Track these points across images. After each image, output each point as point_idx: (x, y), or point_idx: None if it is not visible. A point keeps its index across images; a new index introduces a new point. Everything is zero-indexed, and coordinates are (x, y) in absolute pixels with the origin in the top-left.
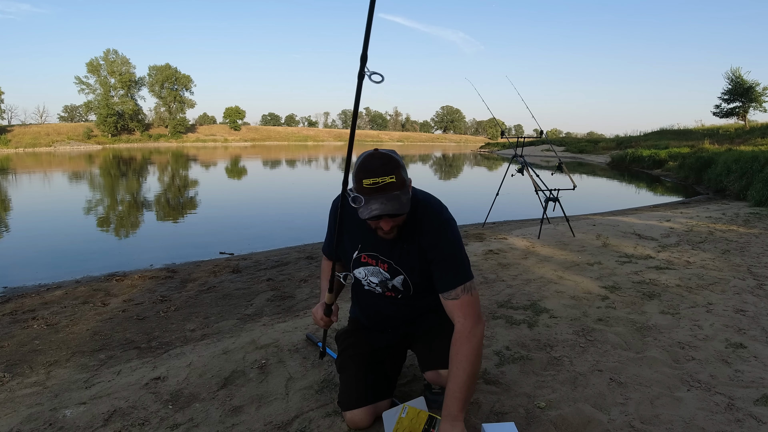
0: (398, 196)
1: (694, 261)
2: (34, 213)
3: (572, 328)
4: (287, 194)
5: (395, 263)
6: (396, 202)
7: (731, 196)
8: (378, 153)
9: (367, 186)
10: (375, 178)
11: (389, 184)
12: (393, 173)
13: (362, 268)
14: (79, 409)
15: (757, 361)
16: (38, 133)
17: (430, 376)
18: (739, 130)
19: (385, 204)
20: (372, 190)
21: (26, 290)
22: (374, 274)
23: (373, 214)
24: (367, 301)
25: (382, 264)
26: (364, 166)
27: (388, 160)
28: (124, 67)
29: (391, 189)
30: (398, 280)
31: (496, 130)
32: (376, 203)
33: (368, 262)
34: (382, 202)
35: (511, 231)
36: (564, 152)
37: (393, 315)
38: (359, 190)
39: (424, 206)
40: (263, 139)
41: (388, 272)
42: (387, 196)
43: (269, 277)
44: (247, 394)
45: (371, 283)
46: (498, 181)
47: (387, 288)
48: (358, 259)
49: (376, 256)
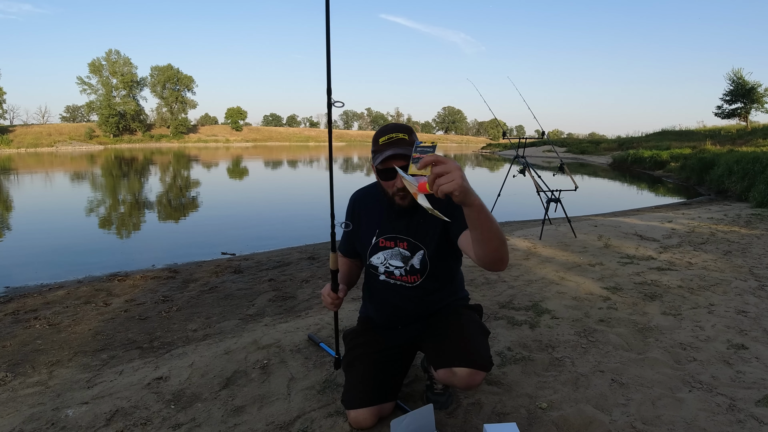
0: (409, 148)
1: (696, 262)
2: (36, 213)
3: (574, 329)
4: (289, 195)
5: (414, 239)
6: (408, 149)
7: (733, 197)
8: (393, 123)
9: (383, 142)
10: (389, 134)
11: (401, 139)
12: (405, 132)
13: (381, 253)
14: (82, 408)
15: (758, 362)
16: (40, 133)
17: (441, 374)
18: (741, 131)
19: (397, 149)
20: (386, 144)
21: (28, 290)
22: (394, 256)
23: (385, 155)
24: (380, 295)
25: (401, 243)
26: (380, 130)
27: (402, 125)
28: (126, 67)
29: (403, 143)
30: (417, 259)
31: (497, 130)
32: (389, 149)
33: (387, 245)
34: (394, 148)
35: (512, 232)
36: (565, 153)
37: (405, 308)
38: (376, 150)
39: None
40: (265, 139)
41: (409, 250)
42: (399, 146)
43: (271, 277)
44: (249, 395)
45: (390, 267)
46: (500, 181)
47: (407, 270)
48: (377, 245)
49: (394, 237)
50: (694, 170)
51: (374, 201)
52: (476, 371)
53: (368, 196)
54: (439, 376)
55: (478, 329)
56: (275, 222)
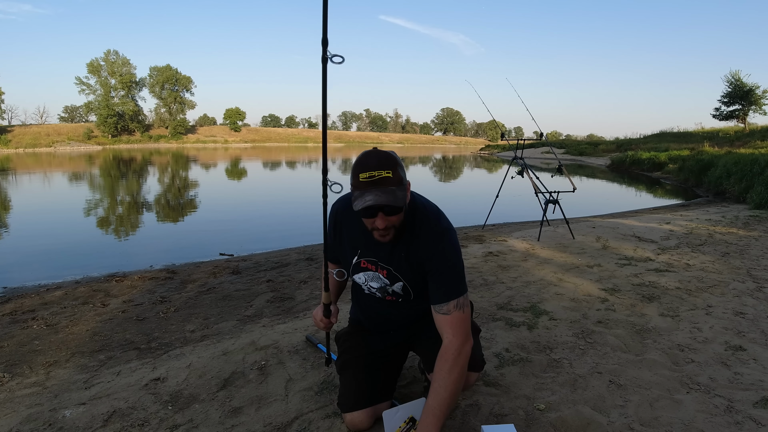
0: (393, 191)
1: (694, 263)
2: (34, 213)
3: (572, 331)
4: (287, 195)
5: (394, 269)
6: (391, 196)
7: (731, 199)
8: (376, 150)
9: (363, 180)
10: (371, 171)
11: (385, 179)
12: (389, 169)
13: (362, 274)
14: (79, 409)
15: (756, 364)
16: (38, 133)
17: None
18: (739, 132)
19: (379, 196)
20: (367, 184)
21: (26, 290)
22: (374, 280)
23: (366, 204)
24: (367, 304)
25: (381, 270)
26: (360, 162)
27: (385, 156)
28: (124, 67)
29: (386, 183)
30: (398, 286)
31: (496, 132)
32: (370, 195)
33: (368, 267)
34: (376, 194)
35: (511, 233)
36: (564, 154)
37: (394, 317)
38: (356, 186)
39: (423, 213)
40: (263, 140)
41: (388, 278)
42: (382, 189)
43: (269, 278)
44: (246, 396)
45: (371, 288)
46: (498, 183)
47: (387, 293)
48: (358, 265)
49: (375, 262)
50: (692, 172)
51: (357, 218)
52: (468, 372)
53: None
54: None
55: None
56: (274, 223)
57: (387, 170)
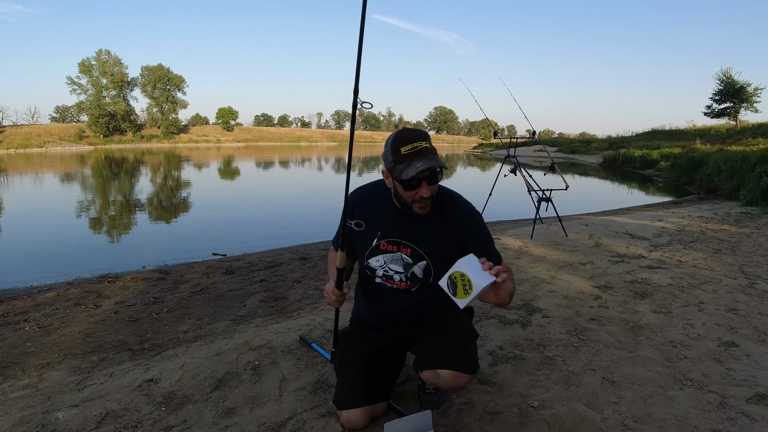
0: (436, 158)
1: (686, 260)
2: (26, 214)
3: (565, 328)
4: (280, 195)
5: (419, 248)
6: (437, 160)
7: (723, 196)
8: (408, 128)
9: (406, 152)
10: (413, 143)
11: (426, 148)
12: (426, 141)
13: (381, 256)
14: (72, 411)
15: (749, 360)
16: (30, 133)
17: (426, 376)
18: (731, 130)
19: (428, 160)
20: (412, 154)
21: (18, 292)
22: (395, 261)
23: (420, 168)
24: (373, 297)
25: (404, 249)
26: (399, 138)
27: (419, 131)
28: (116, 67)
29: (428, 153)
30: (420, 266)
31: (489, 130)
32: (419, 161)
33: (389, 249)
34: (425, 160)
35: (504, 231)
36: (556, 153)
37: (398, 311)
38: (399, 160)
39: (451, 196)
40: (256, 139)
41: (411, 257)
42: (427, 156)
43: (262, 278)
44: (240, 396)
45: (389, 271)
46: (491, 181)
47: (407, 276)
48: (377, 247)
49: (398, 242)
50: (684, 169)
51: (379, 201)
52: (460, 373)
53: (371, 195)
54: (424, 377)
55: (465, 332)
56: (267, 222)
57: (425, 141)
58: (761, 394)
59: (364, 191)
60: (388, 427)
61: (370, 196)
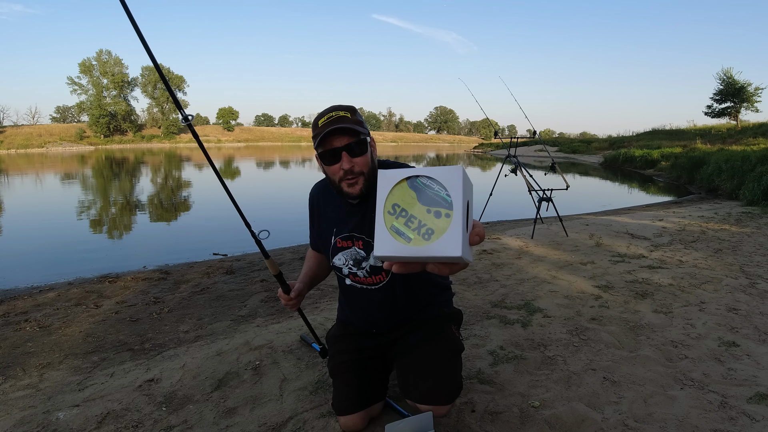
0: (352, 127)
1: (687, 260)
2: (26, 214)
3: (566, 328)
4: (281, 195)
5: (369, 237)
6: (349, 126)
7: (723, 196)
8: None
9: (323, 123)
10: (328, 113)
11: (342, 117)
12: (347, 110)
13: (341, 254)
14: (73, 411)
15: (749, 359)
16: (30, 134)
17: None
18: (731, 130)
19: (338, 124)
20: (326, 125)
21: (18, 292)
22: (351, 257)
23: (326, 131)
24: (351, 298)
25: (357, 242)
26: (319, 113)
27: (343, 105)
28: (116, 67)
29: (344, 120)
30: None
31: (489, 130)
32: (328, 128)
33: (344, 245)
34: (334, 125)
35: (504, 231)
36: (557, 152)
37: (374, 313)
38: (316, 135)
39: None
40: (256, 139)
41: (364, 250)
42: (340, 125)
43: (263, 278)
44: (241, 396)
45: (353, 269)
46: (491, 181)
47: (366, 272)
48: (335, 246)
49: (350, 236)
50: (684, 169)
51: (331, 195)
52: (439, 407)
53: (326, 190)
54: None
55: (449, 350)
56: (267, 222)
57: (344, 111)
58: (762, 393)
59: (321, 186)
60: (389, 429)
61: (325, 192)
